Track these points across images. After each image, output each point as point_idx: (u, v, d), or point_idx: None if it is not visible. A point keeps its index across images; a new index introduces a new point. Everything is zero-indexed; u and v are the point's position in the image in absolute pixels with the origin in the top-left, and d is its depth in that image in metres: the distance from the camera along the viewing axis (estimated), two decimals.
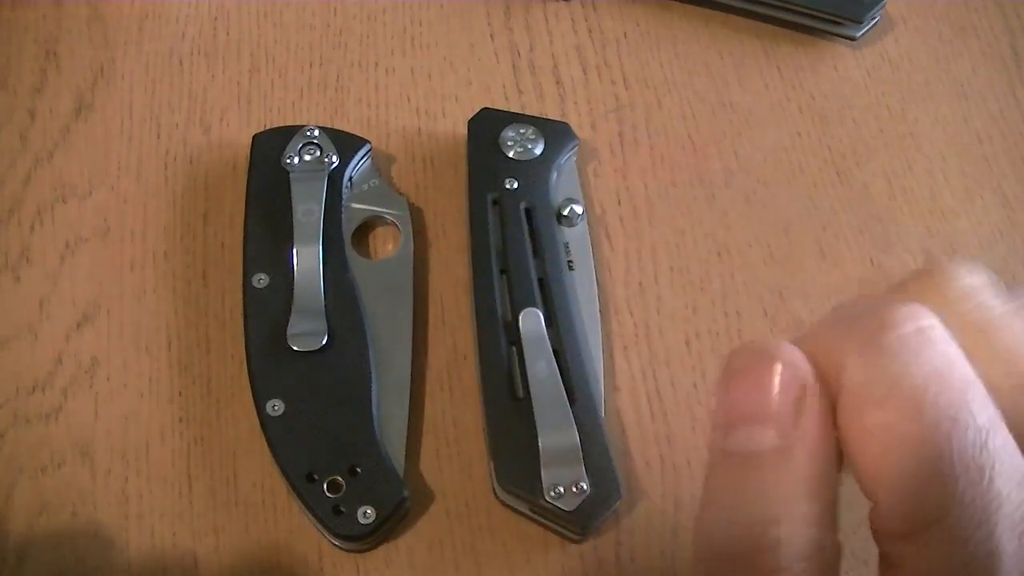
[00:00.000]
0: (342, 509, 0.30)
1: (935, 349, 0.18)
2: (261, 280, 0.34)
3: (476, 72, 0.41)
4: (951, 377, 0.18)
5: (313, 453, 0.31)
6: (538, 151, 0.37)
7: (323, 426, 0.31)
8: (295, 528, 0.31)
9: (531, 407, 0.31)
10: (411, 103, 0.40)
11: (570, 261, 0.35)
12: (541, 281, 0.34)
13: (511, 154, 0.37)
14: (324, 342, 0.32)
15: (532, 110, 0.40)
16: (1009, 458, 0.17)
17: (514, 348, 0.33)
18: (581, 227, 0.36)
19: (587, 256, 0.36)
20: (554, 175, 0.37)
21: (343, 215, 0.35)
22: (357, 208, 0.36)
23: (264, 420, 0.31)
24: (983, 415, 0.17)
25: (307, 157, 0.36)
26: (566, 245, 0.36)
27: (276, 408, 0.31)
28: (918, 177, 0.40)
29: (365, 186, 0.37)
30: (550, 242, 0.35)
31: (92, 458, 0.32)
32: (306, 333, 0.32)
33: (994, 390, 0.18)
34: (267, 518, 0.32)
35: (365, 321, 0.33)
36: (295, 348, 0.32)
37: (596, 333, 0.34)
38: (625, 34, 0.43)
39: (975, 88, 0.43)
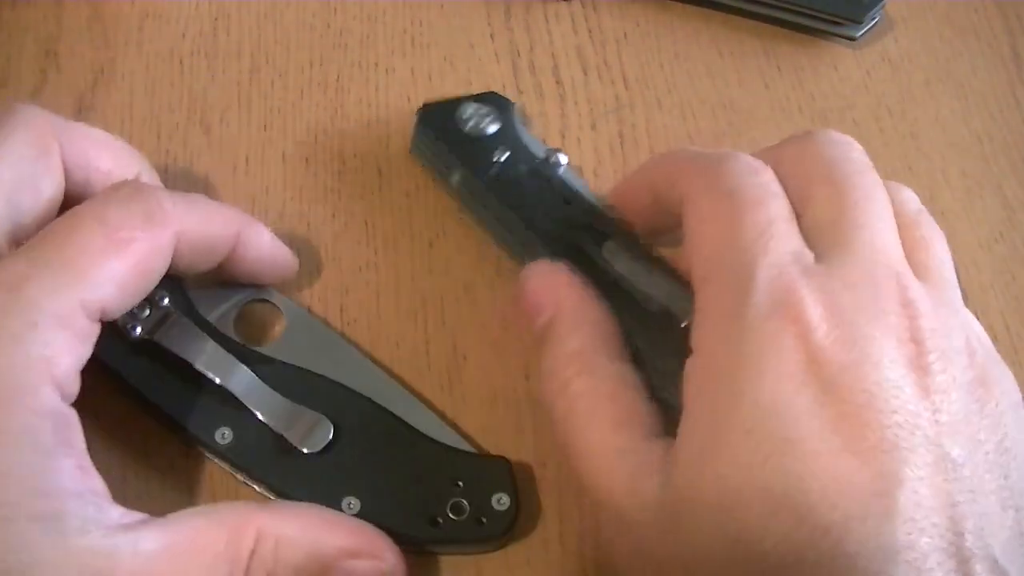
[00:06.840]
0: (482, 520, 0.30)
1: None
2: (225, 435, 0.31)
3: (476, 72, 0.41)
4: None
5: (406, 506, 0.30)
6: (496, 125, 0.36)
7: (397, 481, 0.30)
8: None
9: None
10: (411, 103, 0.40)
11: None
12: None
13: (470, 131, 0.36)
14: (330, 429, 0.31)
15: (532, 110, 0.40)
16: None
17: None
18: (569, 174, 0.36)
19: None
20: (523, 136, 0.36)
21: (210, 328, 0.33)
22: (224, 309, 0.33)
23: (355, 515, 0.30)
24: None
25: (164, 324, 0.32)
26: None
27: (351, 505, 0.30)
28: (918, 177, 0.40)
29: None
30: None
31: (93, 456, 0.32)
32: (306, 433, 0.31)
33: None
34: None
35: (332, 387, 0.32)
36: (307, 451, 0.30)
37: None
38: (625, 34, 0.43)
39: (975, 88, 0.43)
